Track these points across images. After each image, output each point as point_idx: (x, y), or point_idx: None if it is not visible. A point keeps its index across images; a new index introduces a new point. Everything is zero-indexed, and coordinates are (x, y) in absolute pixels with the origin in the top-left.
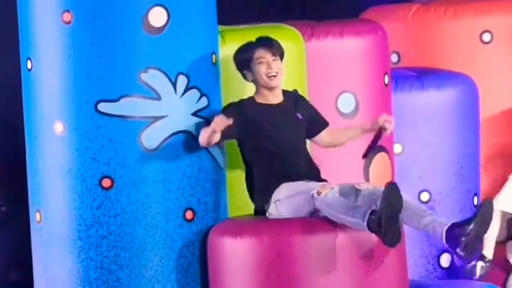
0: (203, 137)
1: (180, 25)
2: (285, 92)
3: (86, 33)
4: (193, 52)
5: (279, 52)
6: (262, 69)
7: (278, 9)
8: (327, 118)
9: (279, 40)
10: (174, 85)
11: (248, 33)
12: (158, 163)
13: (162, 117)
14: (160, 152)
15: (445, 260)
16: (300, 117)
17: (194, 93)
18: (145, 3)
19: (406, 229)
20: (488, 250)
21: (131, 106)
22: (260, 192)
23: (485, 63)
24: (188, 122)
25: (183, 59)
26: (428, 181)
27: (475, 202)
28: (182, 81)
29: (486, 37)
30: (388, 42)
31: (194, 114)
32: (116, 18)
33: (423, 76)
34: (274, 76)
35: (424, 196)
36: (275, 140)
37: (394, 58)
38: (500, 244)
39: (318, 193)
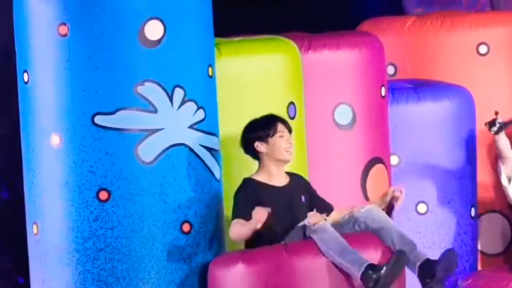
0: (242, 232)
1: (176, 38)
2: (290, 174)
3: (83, 46)
4: (189, 65)
5: (291, 130)
6: (282, 143)
7: (275, 22)
8: (324, 130)
9: (276, 53)
10: (170, 98)
11: (245, 45)
12: (154, 176)
13: (159, 130)
14: (156, 165)
15: None
16: (303, 200)
17: (191, 105)
18: (141, 16)
19: None
20: None
21: (127, 119)
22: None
23: (481, 75)
24: (184, 135)
25: (180, 72)
26: (425, 193)
27: (472, 214)
28: (178, 94)
29: (483, 49)
30: (384, 54)
31: (191, 127)
32: (112, 31)
33: (420, 88)
34: (292, 150)
35: (421, 208)
36: (276, 222)
37: (390, 70)
38: (494, 257)
39: (311, 224)
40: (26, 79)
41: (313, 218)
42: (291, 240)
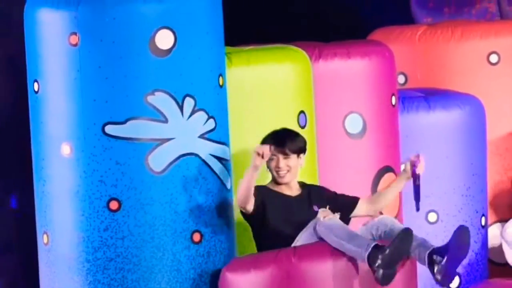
0: (243, 184)
1: (187, 48)
2: (303, 185)
3: (93, 56)
4: (200, 74)
5: (292, 150)
6: (272, 164)
7: (285, 30)
8: (334, 139)
9: (286, 62)
10: (181, 107)
11: (255, 54)
12: (165, 185)
13: (169, 139)
14: (167, 174)
15: (453, 281)
16: (316, 209)
17: (201, 115)
18: (152, 26)
19: None
20: None
21: (138, 128)
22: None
23: (492, 84)
24: (195, 145)
25: (190, 81)
26: (436, 202)
27: (483, 223)
28: (189, 104)
29: (493, 58)
30: (395, 63)
31: (201, 136)
32: (123, 41)
33: (430, 97)
34: (285, 172)
35: (432, 217)
36: (283, 231)
37: (401, 79)
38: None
39: (321, 217)
40: (36, 88)
41: (323, 213)
42: (302, 241)
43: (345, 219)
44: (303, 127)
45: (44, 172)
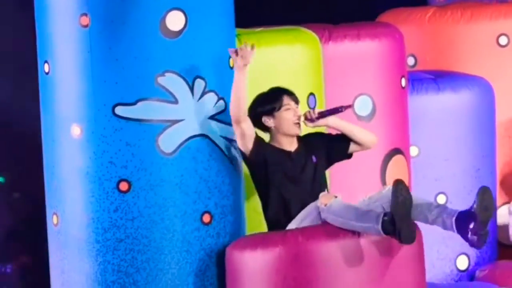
0: (234, 85)
1: (197, 29)
2: (298, 139)
3: (104, 37)
4: (210, 56)
5: (298, 101)
6: (289, 116)
7: (295, 12)
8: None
9: (296, 43)
10: (191, 88)
11: (266, 36)
12: (175, 166)
13: (179, 120)
14: (177, 155)
15: (462, 262)
16: (314, 159)
17: (212, 96)
18: (162, 7)
19: (422, 231)
20: None
21: (148, 109)
22: (272, 223)
23: (501, 66)
24: (205, 126)
25: (201, 62)
26: (445, 184)
27: None
28: (199, 85)
29: (503, 40)
30: (404, 45)
31: (212, 117)
32: (133, 22)
33: (440, 79)
34: (299, 123)
35: (441, 199)
36: (288, 185)
37: (410, 61)
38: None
39: (323, 204)
40: (47, 69)
41: (323, 198)
42: (305, 219)
43: (346, 157)
44: (312, 109)
45: (54, 154)
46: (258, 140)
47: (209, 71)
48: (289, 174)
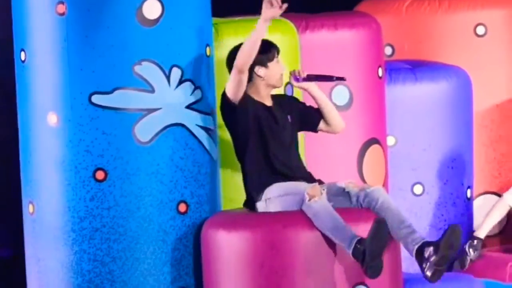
0: (248, 42)
1: (174, 18)
2: (272, 96)
3: (80, 25)
4: (187, 45)
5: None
6: (277, 68)
7: None
8: None
9: (274, 33)
10: (168, 77)
11: (243, 25)
12: (151, 155)
13: (156, 109)
14: (153, 144)
15: None
16: (290, 119)
17: (188, 85)
18: None
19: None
20: (482, 232)
21: (125, 98)
22: (252, 187)
23: (479, 56)
24: (181, 115)
25: (177, 51)
26: (422, 174)
27: (468, 195)
28: (176, 74)
29: (480, 30)
30: (382, 35)
31: (188, 106)
32: (110, 10)
33: (417, 68)
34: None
35: (418, 189)
36: (269, 139)
37: (388, 51)
38: (491, 238)
39: (309, 197)
40: (23, 58)
41: (311, 190)
42: (291, 208)
43: (315, 129)
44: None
45: (30, 142)
46: (245, 92)
47: (185, 60)
48: (271, 128)
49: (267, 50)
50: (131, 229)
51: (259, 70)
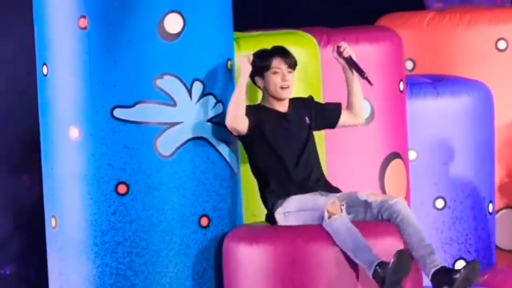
0: (233, 99)
1: (196, 32)
2: (290, 100)
3: (102, 39)
4: (208, 59)
5: (294, 64)
6: (277, 80)
7: (294, 16)
8: None
9: (295, 47)
10: (189, 91)
11: (264, 40)
12: (173, 169)
13: (178, 123)
14: (175, 158)
15: (460, 267)
16: (307, 121)
17: (210, 99)
18: (161, 9)
19: None
20: None
21: (146, 112)
22: (269, 200)
23: (500, 70)
24: (203, 129)
25: (199, 65)
26: (443, 188)
27: (490, 210)
28: (197, 88)
29: (502, 44)
30: (403, 49)
31: (210, 120)
32: (132, 24)
33: (438, 83)
34: (287, 87)
35: (439, 203)
36: (283, 147)
37: (409, 65)
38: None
39: (328, 214)
40: (45, 71)
41: (331, 208)
42: (311, 223)
43: (335, 125)
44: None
45: (52, 156)
46: (250, 113)
47: (207, 74)
48: (284, 135)
49: (263, 60)
50: (153, 243)
51: (258, 80)
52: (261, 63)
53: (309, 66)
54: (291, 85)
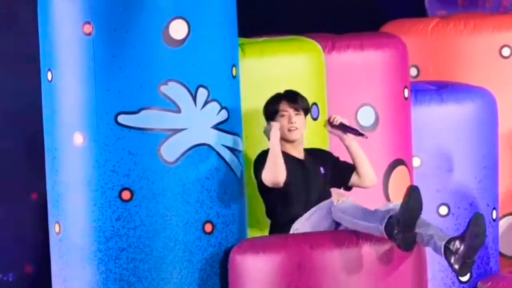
0: (269, 163)
1: (200, 38)
2: (306, 150)
3: (107, 45)
4: (213, 65)
5: (302, 108)
6: (284, 122)
7: (299, 22)
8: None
9: (299, 53)
10: (194, 97)
11: (269, 46)
12: (177, 175)
13: (182, 129)
14: (179, 164)
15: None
16: (323, 171)
17: (214, 106)
18: (165, 16)
19: None
20: None
21: (151, 118)
22: (278, 227)
23: (504, 77)
24: (207, 135)
25: (203, 71)
26: (447, 195)
27: (494, 216)
28: (202, 94)
29: (506, 51)
30: (408, 55)
31: (214, 127)
32: (136, 30)
33: (443, 90)
34: (294, 129)
35: (443, 210)
36: (298, 193)
37: (413, 72)
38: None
39: (336, 199)
40: (50, 77)
41: (337, 195)
42: (320, 223)
43: (346, 186)
44: (315, 119)
45: (56, 162)
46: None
47: (212, 80)
48: (298, 180)
49: (271, 105)
50: (157, 249)
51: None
52: (272, 107)
53: (314, 72)
54: (299, 128)
